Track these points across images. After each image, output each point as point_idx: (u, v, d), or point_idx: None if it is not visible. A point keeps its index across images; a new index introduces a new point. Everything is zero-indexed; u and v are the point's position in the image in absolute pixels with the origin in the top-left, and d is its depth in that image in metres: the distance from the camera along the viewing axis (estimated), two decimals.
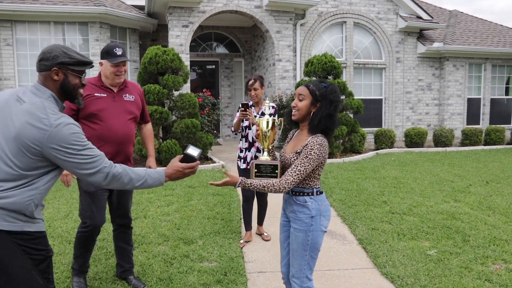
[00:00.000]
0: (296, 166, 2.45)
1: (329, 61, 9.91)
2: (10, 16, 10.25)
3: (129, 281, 3.63)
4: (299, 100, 2.56)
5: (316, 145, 2.45)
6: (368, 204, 6.01)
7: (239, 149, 4.69)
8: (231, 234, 4.78)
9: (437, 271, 3.86)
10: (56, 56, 2.09)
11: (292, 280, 2.61)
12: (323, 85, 2.56)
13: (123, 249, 3.66)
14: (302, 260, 2.57)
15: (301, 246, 2.55)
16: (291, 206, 2.61)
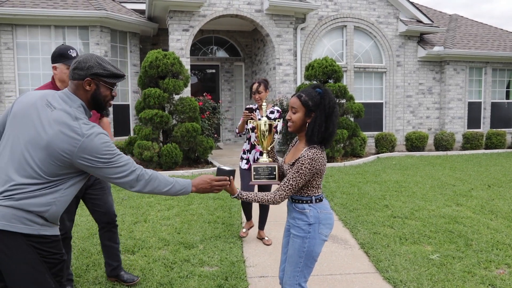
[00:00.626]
0: (288, 181, 2.41)
1: (330, 64, 9.90)
2: (11, 20, 10.25)
3: (121, 277, 3.65)
4: (293, 113, 2.47)
5: (307, 160, 2.38)
6: (370, 208, 5.97)
7: (243, 150, 4.78)
8: (232, 239, 4.74)
9: (440, 275, 3.82)
10: (91, 67, 2.10)
11: (285, 286, 2.58)
12: (316, 92, 2.45)
13: (109, 247, 3.67)
14: (296, 267, 2.53)
15: (297, 253, 2.52)
16: (291, 212, 2.60)
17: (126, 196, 6.62)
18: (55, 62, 3.23)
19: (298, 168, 2.39)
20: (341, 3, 12.60)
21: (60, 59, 3.20)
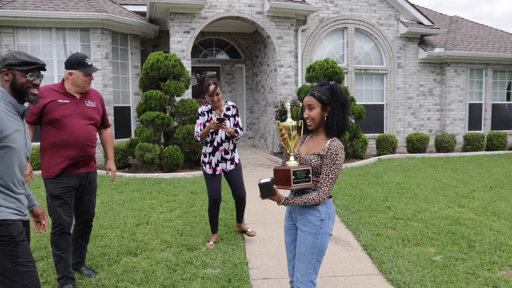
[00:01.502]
0: (328, 175, 2.48)
1: (331, 66, 9.91)
2: (12, 22, 10.26)
3: (81, 271, 3.86)
4: (310, 110, 2.57)
5: (339, 149, 2.49)
6: (372, 210, 5.97)
7: (203, 154, 4.66)
8: (235, 240, 4.74)
9: (443, 277, 3.81)
10: (5, 59, 2.40)
11: (296, 285, 2.58)
12: (325, 88, 2.59)
13: (79, 245, 3.87)
14: (308, 263, 2.55)
15: (310, 249, 2.54)
16: (301, 209, 2.58)
17: (128, 198, 6.62)
18: (73, 68, 3.50)
19: (333, 160, 2.47)
20: (342, 5, 12.61)
21: (77, 66, 3.49)
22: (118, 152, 9.24)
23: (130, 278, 3.78)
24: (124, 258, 4.24)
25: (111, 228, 5.16)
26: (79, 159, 3.52)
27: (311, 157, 2.53)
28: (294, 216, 2.69)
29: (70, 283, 3.51)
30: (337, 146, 2.48)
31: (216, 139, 4.53)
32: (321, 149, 2.53)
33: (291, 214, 2.73)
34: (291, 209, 2.72)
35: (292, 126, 2.55)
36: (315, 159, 2.52)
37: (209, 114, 4.55)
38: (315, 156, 2.53)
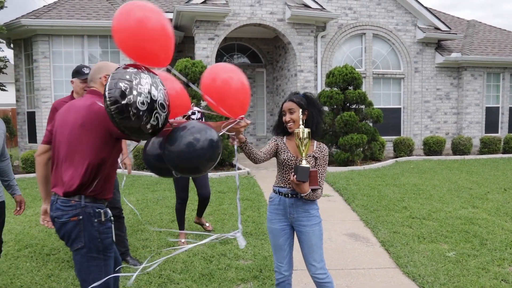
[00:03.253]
0: (323, 174, 2.94)
1: (350, 72, 10.28)
2: (48, 31, 10.90)
3: (127, 261, 4.36)
4: (291, 113, 2.89)
5: (327, 151, 2.98)
6: (389, 209, 6.33)
7: None
8: (263, 236, 5.17)
9: (455, 271, 4.14)
10: None
11: (318, 273, 2.90)
12: (300, 95, 2.94)
13: (117, 236, 4.33)
14: (320, 250, 2.94)
15: (319, 238, 2.93)
16: (302, 207, 2.91)
17: (161, 196, 7.12)
18: (73, 77, 4.00)
19: (325, 161, 2.95)
20: (360, 11, 12.97)
21: (75, 75, 3.98)
22: None
23: (172, 268, 4.23)
24: (164, 250, 4.71)
25: (149, 224, 5.65)
26: None
27: (308, 159, 2.89)
28: (292, 217, 2.93)
29: (128, 255, 4.33)
30: (326, 148, 2.96)
31: None
32: (313, 151, 2.90)
33: (284, 216, 2.95)
34: (288, 210, 2.94)
35: (308, 132, 2.86)
36: (312, 161, 2.89)
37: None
38: (311, 158, 2.89)
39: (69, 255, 4.54)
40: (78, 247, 2.39)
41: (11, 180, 3.53)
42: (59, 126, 2.51)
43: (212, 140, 2.28)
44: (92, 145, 2.35)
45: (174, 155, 2.23)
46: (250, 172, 9.46)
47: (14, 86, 11.95)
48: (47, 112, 11.14)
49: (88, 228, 2.38)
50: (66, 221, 2.38)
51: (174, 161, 2.26)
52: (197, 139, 2.23)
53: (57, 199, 2.43)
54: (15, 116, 16.20)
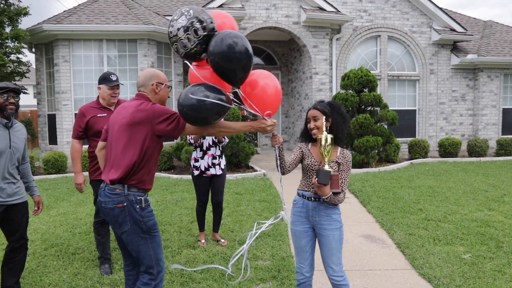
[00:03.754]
0: (346, 179, 3.03)
1: (365, 75, 10.34)
2: (68, 35, 11.17)
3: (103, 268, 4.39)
4: (315, 120, 3.03)
5: (351, 157, 3.07)
6: (405, 212, 6.39)
7: (194, 159, 5.04)
8: (280, 237, 5.28)
9: (471, 273, 4.19)
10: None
11: (335, 276, 3.02)
12: (325, 103, 3.07)
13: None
14: (339, 253, 3.05)
15: (338, 242, 3.03)
16: (324, 211, 3.02)
17: (179, 197, 7.29)
18: (100, 83, 4.23)
19: (349, 166, 3.04)
20: (375, 13, 13.01)
21: (103, 81, 4.20)
22: (164, 155, 9.96)
23: (193, 267, 4.37)
24: (185, 251, 4.86)
25: (169, 225, 5.81)
26: None
27: (331, 164, 3.01)
28: (314, 220, 3.05)
29: (107, 262, 4.32)
30: (349, 154, 3.06)
31: (205, 143, 4.96)
32: (336, 157, 3.02)
33: (307, 218, 3.08)
34: (311, 213, 3.06)
35: (331, 138, 2.97)
36: (335, 166, 3.01)
37: None
38: (334, 163, 3.01)
39: (93, 255, 4.72)
40: (125, 229, 2.80)
41: (30, 182, 3.79)
42: (111, 125, 2.95)
43: (222, 99, 2.68)
44: (138, 141, 2.77)
45: (186, 108, 2.67)
46: (266, 173, 9.58)
47: (32, 88, 12.24)
48: (67, 115, 11.41)
49: (132, 213, 2.78)
50: (112, 207, 2.79)
51: (186, 113, 2.70)
52: (207, 96, 2.65)
53: (105, 186, 2.84)
54: (35, 118, 16.57)
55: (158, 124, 2.77)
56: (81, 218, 6.23)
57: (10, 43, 11.23)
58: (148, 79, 2.95)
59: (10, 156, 3.45)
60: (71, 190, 8.16)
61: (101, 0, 12.52)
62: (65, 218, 6.26)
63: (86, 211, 6.61)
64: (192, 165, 5.08)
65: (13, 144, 3.49)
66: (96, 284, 3.99)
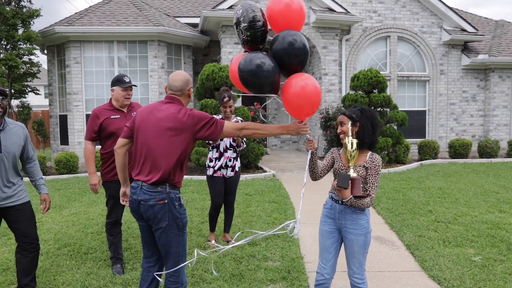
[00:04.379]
0: (374, 184, 3.02)
1: (374, 76, 10.32)
2: (80, 37, 11.30)
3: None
4: (341, 126, 3.11)
5: (380, 161, 3.07)
6: (414, 213, 6.39)
7: (209, 159, 5.06)
8: (290, 238, 5.31)
9: (481, 275, 4.18)
10: None
11: (354, 277, 3.09)
12: (357, 109, 3.12)
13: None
14: (363, 258, 3.08)
15: (362, 247, 3.06)
16: (350, 215, 3.05)
17: (190, 198, 7.35)
18: (113, 85, 4.30)
19: (377, 171, 3.04)
20: (385, 14, 12.98)
21: (116, 83, 4.27)
22: None
23: (203, 268, 4.42)
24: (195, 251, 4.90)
25: None
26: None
27: (358, 169, 3.05)
28: (340, 223, 3.09)
29: (119, 262, 4.38)
30: (379, 159, 3.05)
31: (222, 145, 4.96)
32: (364, 161, 3.04)
33: (334, 220, 3.13)
34: (337, 216, 3.11)
35: (356, 143, 3.03)
36: (362, 170, 3.03)
37: None
38: (361, 167, 3.04)
39: (105, 254, 4.79)
40: (163, 225, 2.93)
41: (37, 180, 3.83)
42: (142, 125, 3.04)
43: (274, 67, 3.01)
44: (181, 145, 2.93)
45: (246, 73, 3.03)
46: (276, 174, 9.61)
47: (43, 88, 12.39)
48: (78, 115, 11.54)
49: (172, 210, 2.94)
50: (153, 204, 2.92)
51: (245, 78, 3.06)
52: (264, 63, 2.98)
53: (142, 185, 2.96)
54: (46, 118, 16.77)
55: (199, 130, 2.94)
56: (92, 218, 6.31)
57: (22, 45, 11.39)
58: (186, 84, 3.07)
59: (4, 161, 3.47)
60: (82, 190, 8.26)
61: (112, 2, 12.65)
62: (77, 218, 6.35)
63: (98, 211, 6.69)
64: (207, 165, 5.09)
65: (4, 148, 3.46)
66: (109, 284, 4.05)
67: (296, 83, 3.06)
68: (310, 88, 3.04)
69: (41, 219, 6.23)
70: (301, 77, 3.09)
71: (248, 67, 2.99)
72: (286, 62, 3.04)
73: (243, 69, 3.01)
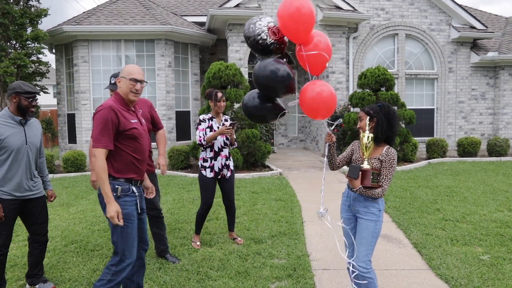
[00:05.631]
0: (387, 176, 3.18)
1: (382, 73, 10.26)
2: (87, 36, 11.35)
3: (167, 258, 4.58)
4: (360, 121, 3.29)
5: (395, 155, 3.20)
6: (422, 211, 6.34)
7: (202, 159, 4.91)
8: (296, 236, 5.30)
9: (490, 274, 4.14)
10: (13, 88, 3.57)
11: (359, 265, 3.18)
12: (377, 105, 3.27)
13: (157, 234, 4.63)
14: (369, 246, 3.21)
15: (371, 234, 3.21)
16: (363, 202, 3.24)
17: (196, 196, 7.35)
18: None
19: (391, 164, 3.18)
20: (392, 12, 12.89)
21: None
22: (181, 154, 10.06)
23: (209, 265, 4.42)
24: (201, 248, 4.91)
25: (185, 223, 5.88)
26: None
27: (372, 161, 3.19)
28: (354, 209, 3.31)
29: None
30: (394, 153, 3.18)
31: (216, 144, 4.84)
32: (380, 154, 3.19)
33: (350, 207, 3.35)
34: (352, 203, 3.32)
35: (371, 137, 3.18)
36: (376, 163, 3.18)
37: (209, 121, 4.87)
38: (376, 160, 3.19)
39: (111, 251, 4.80)
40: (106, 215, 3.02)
41: (44, 176, 4.01)
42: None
43: (289, 73, 3.17)
44: None
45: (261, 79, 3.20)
46: (282, 173, 9.59)
47: (52, 88, 12.47)
48: (86, 114, 11.60)
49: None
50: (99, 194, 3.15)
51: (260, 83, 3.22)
52: (278, 68, 3.15)
53: None
54: (55, 117, 16.89)
55: None
56: (99, 215, 6.34)
57: (31, 44, 11.47)
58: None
59: (29, 153, 3.68)
60: (89, 188, 8.30)
61: (120, 1, 12.70)
62: (84, 215, 6.38)
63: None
64: (201, 165, 4.93)
65: (29, 140, 3.70)
66: None
67: (312, 90, 3.27)
68: (326, 93, 3.25)
69: (48, 217, 6.26)
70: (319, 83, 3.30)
71: (263, 72, 3.17)
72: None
73: (258, 75, 3.20)
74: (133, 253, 3.11)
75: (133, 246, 3.10)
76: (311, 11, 3.13)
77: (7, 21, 10.79)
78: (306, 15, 3.10)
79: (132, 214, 3.09)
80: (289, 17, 3.11)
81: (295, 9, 3.08)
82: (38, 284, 3.89)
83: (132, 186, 3.13)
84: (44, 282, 3.92)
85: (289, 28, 3.16)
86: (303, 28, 3.14)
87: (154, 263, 4.47)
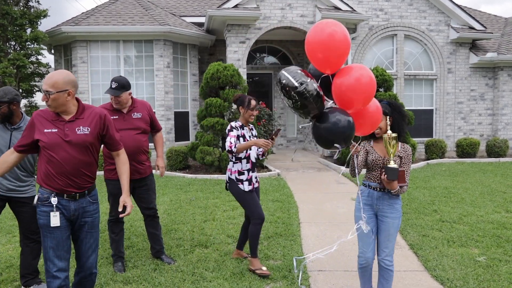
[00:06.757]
0: (408, 171, 3.35)
1: (380, 74, 10.26)
2: (86, 37, 11.36)
3: (162, 259, 4.55)
4: None
5: (411, 151, 3.39)
6: (419, 213, 6.33)
7: (238, 172, 4.30)
8: (292, 237, 5.29)
9: (486, 276, 4.13)
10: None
11: (386, 259, 3.36)
12: (384, 103, 3.36)
13: (153, 234, 4.61)
14: (394, 240, 3.40)
15: (396, 229, 3.38)
16: (387, 200, 3.36)
17: (193, 197, 7.35)
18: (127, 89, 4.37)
19: (410, 159, 3.37)
20: (391, 12, 12.89)
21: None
22: (179, 155, 10.06)
23: (204, 266, 4.42)
24: (197, 250, 4.90)
25: (182, 224, 5.87)
26: (131, 164, 4.11)
27: (394, 159, 3.28)
28: (377, 208, 3.40)
29: (120, 260, 4.41)
30: (409, 148, 3.37)
31: (252, 154, 4.36)
32: (398, 151, 3.32)
33: (372, 206, 3.42)
34: (376, 202, 3.40)
35: (395, 137, 3.20)
36: (397, 160, 3.31)
37: (240, 129, 4.30)
38: (396, 157, 3.31)
39: (107, 252, 4.80)
40: None
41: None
42: None
43: (350, 122, 3.15)
44: None
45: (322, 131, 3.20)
46: (281, 173, 9.59)
47: None
48: None
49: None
50: None
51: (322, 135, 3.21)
52: (339, 120, 3.13)
53: None
54: None
55: None
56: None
57: (30, 45, 11.48)
58: None
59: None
60: None
61: (118, 2, 12.71)
62: None
63: (101, 209, 6.71)
64: (236, 179, 4.30)
65: (14, 143, 3.67)
66: (110, 281, 4.06)
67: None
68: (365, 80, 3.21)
69: None
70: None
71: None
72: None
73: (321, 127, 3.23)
74: (58, 266, 2.92)
75: (54, 257, 2.91)
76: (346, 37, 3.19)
77: (6, 22, 10.80)
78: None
79: (46, 225, 2.91)
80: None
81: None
82: (32, 286, 3.89)
83: (52, 197, 2.92)
84: (38, 284, 3.91)
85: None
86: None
87: (150, 264, 4.46)
